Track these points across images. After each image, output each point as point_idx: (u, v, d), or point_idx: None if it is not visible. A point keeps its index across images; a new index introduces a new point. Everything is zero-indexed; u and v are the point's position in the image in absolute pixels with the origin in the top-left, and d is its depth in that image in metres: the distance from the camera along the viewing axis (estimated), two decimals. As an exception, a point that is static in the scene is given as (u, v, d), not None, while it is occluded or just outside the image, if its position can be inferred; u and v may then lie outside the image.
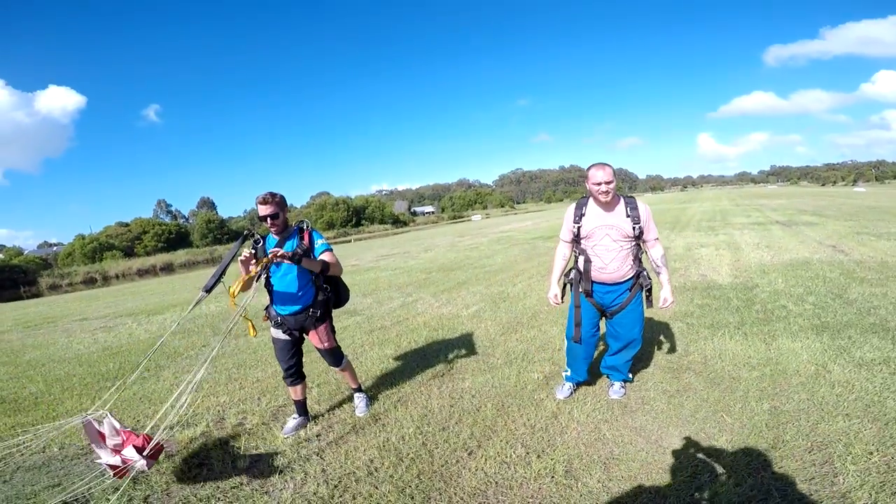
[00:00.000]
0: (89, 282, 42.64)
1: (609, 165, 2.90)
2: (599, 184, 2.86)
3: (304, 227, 3.11)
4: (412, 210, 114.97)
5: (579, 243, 3.08)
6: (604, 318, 3.26)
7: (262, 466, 2.87)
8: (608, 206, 2.95)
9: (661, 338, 4.56)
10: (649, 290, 3.11)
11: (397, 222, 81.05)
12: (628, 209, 2.97)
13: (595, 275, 3.04)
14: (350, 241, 42.15)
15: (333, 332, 3.32)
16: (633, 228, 2.93)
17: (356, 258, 17.91)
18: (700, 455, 2.56)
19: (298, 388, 3.31)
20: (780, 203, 28.16)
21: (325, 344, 3.24)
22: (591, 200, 3.03)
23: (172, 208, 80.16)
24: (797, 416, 2.86)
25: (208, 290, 2.66)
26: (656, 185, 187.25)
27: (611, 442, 2.79)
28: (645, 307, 3.16)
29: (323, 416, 3.51)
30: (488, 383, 3.84)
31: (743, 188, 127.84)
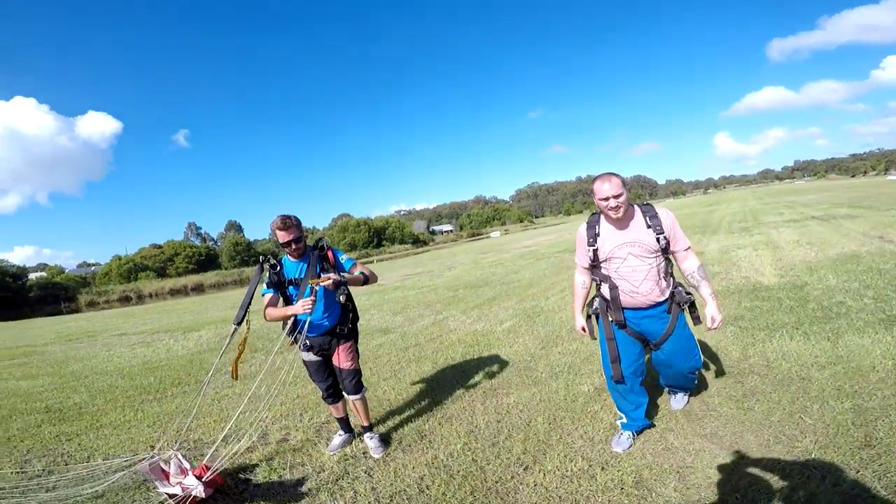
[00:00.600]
0: (125, 300, 45.34)
1: (616, 175, 2.47)
2: (607, 199, 2.43)
3: (325, 246, 2.99)
4: (431, 229, 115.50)
5: (599, 268, 2.64)
6: (649, 348, 2.81)
7: (309, 484, 2.79)
8: (623, 221, 2.52)
9: (714, 343, 4.31)
10: (692, 306, 2.64)
11: (417, 242, 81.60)
12: (647, 219, 2.52)
13: (626, 300, 2.58)
14: (373, 262, 42.45)
15: (358, 354, 3.20)
16: (658, 240, 2.48)
17: (381, 278, 17.96)
18: (786, 457, 2.37)
19: (339, 405, 3.23)
20: (811, 198, 27.15)
21: (349, 363, 3.05)
22: (603, 217, 2.60)
23: (202, 231, 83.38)
24: (886, 413, 2.64)
25: (238, 323, 2.74)
26: (677, 189, 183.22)
27: (681, 451, 2.60)
28: (692, 326, 2.71)
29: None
30: (535, 397, 3.67)
31: (768, 186, 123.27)
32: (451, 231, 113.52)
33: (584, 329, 2.82)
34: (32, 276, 54.94)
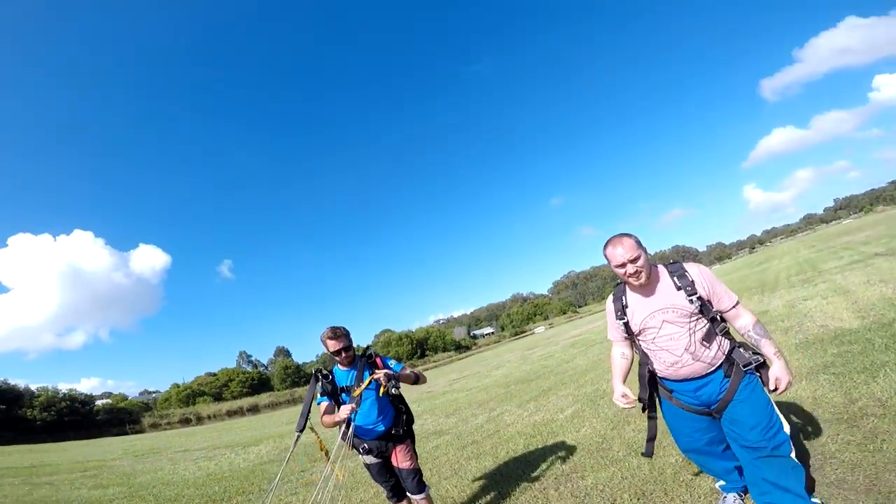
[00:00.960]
0: (185, 421, 48.06)
1: (628, 236, 2.17)
2: (623, 265, 2.13)
3: (373, 354, 3.11)
4: (472, 334, 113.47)
5: (636, 342, 2.36)
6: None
7: None
8: (649, 287, 2.21)
9: (809, 395, 3.81)
10: (760, 367, 2.16)
11: (459, 348, 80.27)
12: (676, 279, 2.18)
13: (670, 373, 2.23)
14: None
15: (416, 454, 3.15)
16: (692, 302, 2.13)
17: (428, 386, 17.30)
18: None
19: None
20: (867, 235, 25.36)
21: (408, 462, 3.03)
22: (627, 286, 2.31)
23: (252, 358, 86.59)
24: None
25: (301, 430, 2.82)
26: (721, 253, 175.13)
27: None
28: (768, 390, 2.18)
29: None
30: (616, 476, 3.24)
31: (816, 231, 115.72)
32: (492, 333, 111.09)
33: (624, 396, 2.36)
34: (99, 402, 58.17)
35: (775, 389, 2.09)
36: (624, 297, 2.30)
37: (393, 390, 2.81)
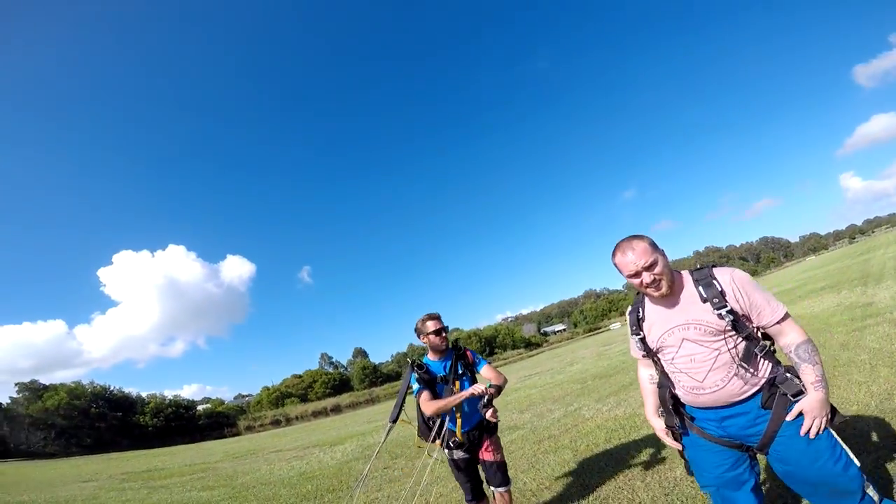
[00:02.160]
0: (276, 423, 52.25)
1: (641, 238, 1.82)
2: (637, 273, 1.78)
3: (462, 347, 3.11)
4: (542, 331, 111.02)
5: (658, 361, 1.96)
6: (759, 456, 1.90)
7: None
8: (671, 298, 1.83)
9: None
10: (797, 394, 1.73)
11: (530, 345, 79.03)
12: (701, 289, 1.78)
13: (689, 399, 1.87)
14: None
15: (502, 446, 3.12)
16: (721, 317, 1.72)
17: (500, 383, 17.29)
18: None
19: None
20: None
21: (499, 455, 3.02)
22: (646, 297, 1.95)
23: (333, 359, 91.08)
24: None
25: (395, 420, 2.87)
26: (817, 244, 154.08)
27: None
28: (824, 427, 1.70)
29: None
30: (707, 470, 3.07)
31: None
32: (564, 330, 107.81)
33: (664, 431, 2.03)
34: (199, 407, 64.91)
35: (802, 430, 1.65)
36: (641, 309, 1.95)
37: (492, 418, 2.75)
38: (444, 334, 2.96)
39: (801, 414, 1.67)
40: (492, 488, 3.00)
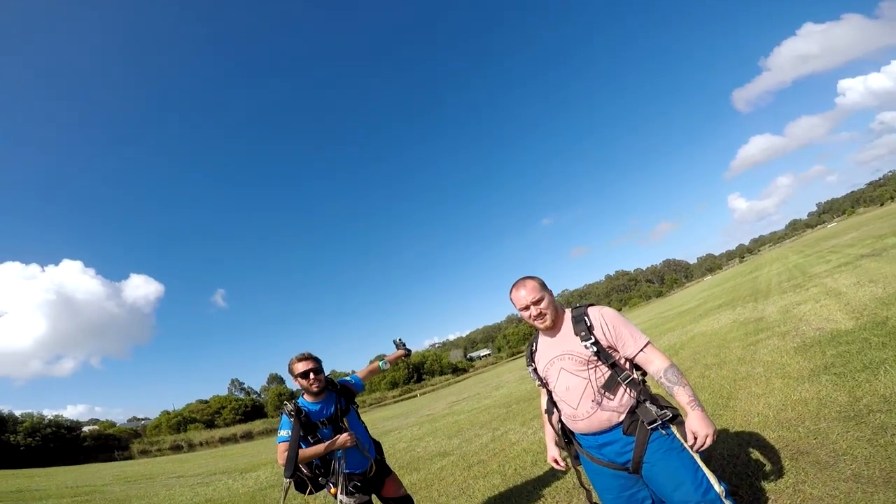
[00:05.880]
0: (176, 448, 47.19)
1: (532, 278, 2.09)
2: (527, 307, 2.02)
3: (338, 382, 2.90)
4: (468, 356, 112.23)
5: (547, 390, 2.15)
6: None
7: None
8: (553, 331, 2.07)
9: (814, 395, 3.83)
10: (670, 421, 1.86)
11: (457, 370, 79.52)
12: (574, 324, 2.02)
13: (570, 425, 2.04)
14: (416, 396, 40.64)
15: None
16: (587, 347, 1.93)
17: (428, 409, 17.03)
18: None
19: None
20: (852, 237, 25.83)
21: (402, 489, 2.96)
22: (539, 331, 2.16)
23: (245, 385, 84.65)
24: None
25: (291, 476, 2.51)
26: (713, 265, 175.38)
27: (826, 498, 2.21)
28: (687, 447, 1.85)
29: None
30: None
31: (802, 236, 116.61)
32: (489, 355, 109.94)
33: (556, 461, 2.22)
34: (86, 428, 56.53)
35: (693, 444, 1.80)
36: (536, 342, 2.17)
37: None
38: (314, 376, 2.65)
39: (673, 439, 1.85)
40: None
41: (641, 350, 1.91)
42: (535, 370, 2.13)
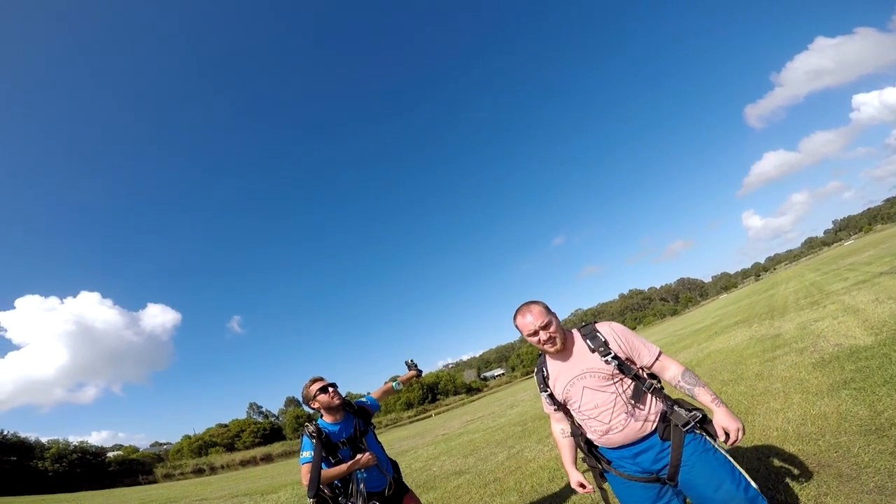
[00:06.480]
0: (198, 471, 47.77)
1: (536, 302, 2.09)
2: (535, 333, 2.02)
3: (354, 404, 2.95)
4: (482, 376, 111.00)
5: (568, 412, 2.16)
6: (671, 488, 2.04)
7: None
8: (565, 353, 2.08)
9: (833, 410, 3.81)
10: (701, 422, 1.93)
11: (471, 390, 78.91)
12: (588, 342, 2.05)
13: (603, 441, 2.04)
14: (431, 416, 40.19)
15: None
16: (608, 362, 1.97)
17: (443, 428, 16.89)
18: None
19: None
20: (869, 255, 25.29)
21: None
22: (546, 355, 2.18)
23: (263, 409, 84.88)
24: None
25: (314, 496, 2.53)
26: (728, 283, 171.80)
27: None
28: (720, 447, 1.94)
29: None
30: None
31: (819, 254, 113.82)
32: (502, 374, 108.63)
33: (581, 485, 2.22)
34: (110, 454, 57.18)
35: (726, 440, 1.85)
36: (545, 368, 2.16)
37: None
38: (332, 389, 2.76)
39: (704, 440, 1.90)
40: None
41: (657, 359, 2.00)
42: (550, 395, 2.13)
